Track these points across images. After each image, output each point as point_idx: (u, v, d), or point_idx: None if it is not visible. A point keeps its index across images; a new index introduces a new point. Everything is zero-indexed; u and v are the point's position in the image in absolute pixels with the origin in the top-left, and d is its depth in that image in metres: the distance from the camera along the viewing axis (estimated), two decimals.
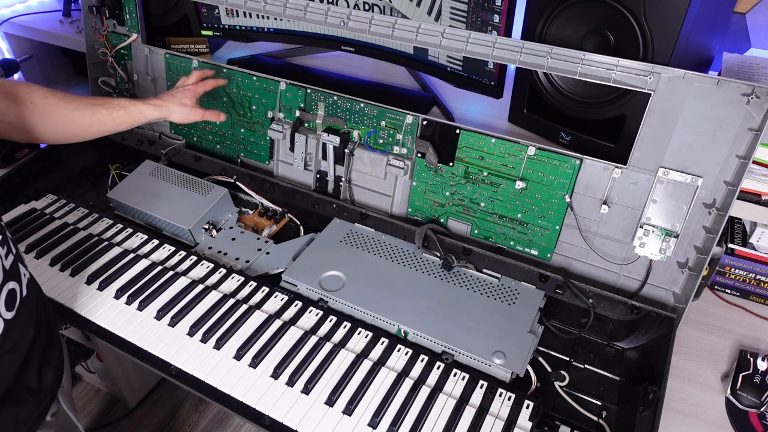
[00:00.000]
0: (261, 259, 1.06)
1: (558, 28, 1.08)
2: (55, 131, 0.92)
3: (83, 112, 0.93)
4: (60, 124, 0.92)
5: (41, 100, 0.90)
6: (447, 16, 1.16)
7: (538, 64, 0.89)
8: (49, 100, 0.91)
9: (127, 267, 1.00)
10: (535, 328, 0.91)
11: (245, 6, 1.11)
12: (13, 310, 0.71)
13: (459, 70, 1.23)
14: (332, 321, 0.92)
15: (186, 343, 0.89)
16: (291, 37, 1.42)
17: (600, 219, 0.95)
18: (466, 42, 0.93)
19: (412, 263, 1.01)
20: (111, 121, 0.96)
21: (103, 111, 0.95)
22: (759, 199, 0.95)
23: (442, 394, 0.82)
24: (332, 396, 0.81)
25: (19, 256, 0.75)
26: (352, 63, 1.56)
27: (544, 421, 0.80)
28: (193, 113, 1.05)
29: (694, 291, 0.88)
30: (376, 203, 1.14)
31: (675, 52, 0.95)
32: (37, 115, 0.90)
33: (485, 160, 1.00)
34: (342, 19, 1.03)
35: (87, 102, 0.94)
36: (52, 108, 0.91)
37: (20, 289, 0.73)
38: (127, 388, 1.69)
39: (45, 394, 0.78)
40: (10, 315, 0.71)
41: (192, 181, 1.16)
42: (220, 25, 1.45)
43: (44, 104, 0.90)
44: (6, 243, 0.71)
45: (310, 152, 1.16)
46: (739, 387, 0.87)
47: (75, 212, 1.13)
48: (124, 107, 0.97)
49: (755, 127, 0.79)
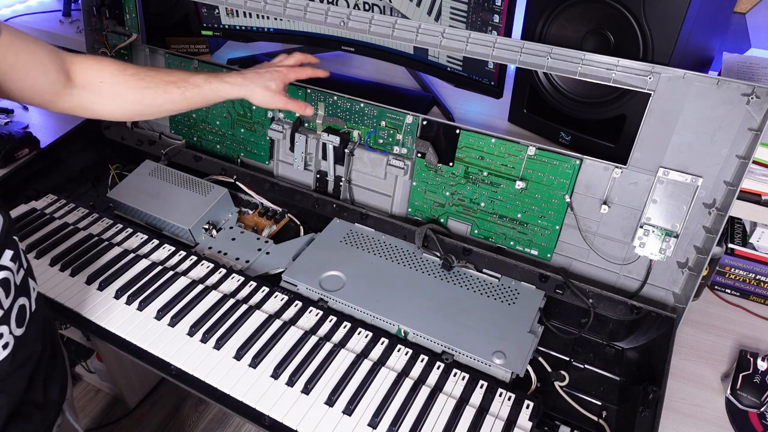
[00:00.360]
0: (261, 259, 1.06)
1: (558, 28, 1.08)
2: (123, 111, 0.89)
3: (155, 90, 0.87)
4: (129, 104, 0.88)
5: (110, 78, 0.85)
6: (447, 16, 1.16)
7: (538, 64, 0.89)
8: (118, 78, 0.86)
9: (127, 267, 1.00)
10: (535, 328, 0.91)
11: (245, 6, 1.11)
12: (23, 326, 0.70)
13: (459, 70, 1.23)
14: (332, 321, 0.92)
15: (186, 343, 0.89)
16: (291, 37, 1.42)
17: (600, 219, 0.95)
18: (466, 42, 0.93)
19: (412, 263, 1.01)
20: (184, 101, 0.90)
21: (175, 90, 0.88)
22: (759, 199, 0.95)
23: (442, 394, 0.82)
24: (332, 396, 0.81)
25: (29, 270, 0.74)
26: (352, 63, 1.56)
27: (544, 421, 0.80)
28: (276, 99, 0.94)
29: (694, 291, 0.88)
30: (376, 203, 1.14)
31: (675, 52, 0.95)
32: (106, 94, 0.86)
33: (485, 160, 1.00)
34: (342, 19, 1.03)
35: (159, 79, 0.88)
36: (122, 87, 0.86)
37: (29, 303, 0.72)
38: (127, 388, 1.69)
39: (51, 408, 0.77)
40: (21, 331, 0.69)
41: (192, 181, 1.16)
42: (220, 25, 1.45)
43: (113, 82, 0.86)
44: (18, 258, 0.69)
45: (310, 152, 1.16)
46: (739, 387, 0.87)
47: (75, 212, 1.13)
48: (199, 86, 0.89)
49: (755, 127, 0.79)
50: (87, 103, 0.85)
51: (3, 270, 0.66)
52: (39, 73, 0.78)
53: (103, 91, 0.85)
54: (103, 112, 0.88)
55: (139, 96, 0.87)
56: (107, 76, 0.85)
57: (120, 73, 0.86)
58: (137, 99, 0.87)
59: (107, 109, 0.87)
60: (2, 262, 0.66)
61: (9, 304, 0.67)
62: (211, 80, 0.90)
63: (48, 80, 0.80)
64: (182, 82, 0.89)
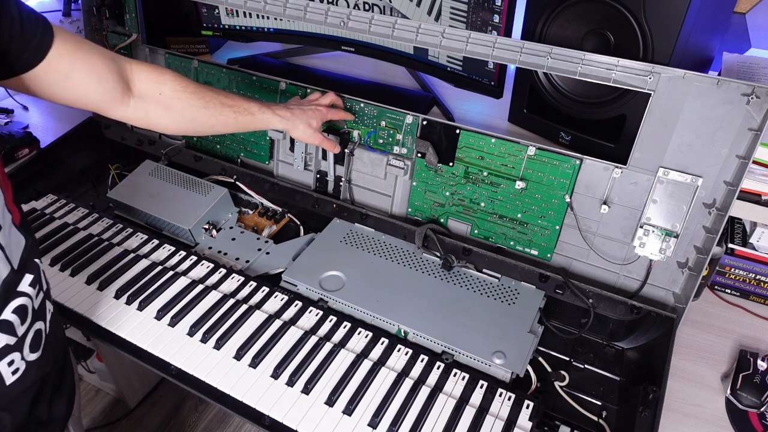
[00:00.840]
0: (261, 259, 1.06)
1: (558, 28, 1.08)
2: (177, 126, 0.90)
3: (211, 111, 0.90)
4: (184, 121, 0.89)
5: (170, 92, 0.86)
6: (447, 16, 1.16)
7: (538, 64, 0.89)
8: (178, 94, 0.87)
9: (127, 267, 1.00)
10: (535, 328, 0.91)
11: (245, 6, 1.11)
12: (38, 350, 0.68)
13: (459, 70, 1.23)
14: (332, 321, 0.92)
15: (186, 343, 0.89)
16: (291, 37, 1.42)
17: (600, 219, 0.95)
18: (466, 42, 0.93)
19: (412, 263, 1.01)
20: (235, 124, 0.93)
21: (230, 114, 0.91)
22: (759, 199, 0.95)
23: (442, 394, 0.82)
24: (332, 396, 0.81)
25: (48, 292, 0.72)
26: (352, 63, 1.56)
27: (544, 421, 0.80)
28: (315, 136, 1.01)
29: (694, 291, 0.88)
30: (376, 203, 1.14)
31: (675, 52, 0.95)
32: (163, 108, 0.87)
33: (485, 160, 1.00)
34: (342, 19, 1.03)
35: (218, 101, 0.90)
36: (180, 103, 0.87)
37: (45, 327, 0.70)
38: (127, 388, 1.69)
39: (55, 426, 0.76)
40: (35, 356, 0.68)
41: (192, 181, 1.16)
42: (220, 25, 1.45)
43: (173, 97, 0.87)
44: (38, 282, 0.68)
45: (310, 152, 1.16)
46: (739, 387, 0.87)
47: (75, 212, 1.13)
48: (252, 114, 0.93)
49: (755, 127, 0.79)
50: (142, 114, 0.86)
51: (21, 297, 0.64)
52: (94, 82, 0.78)
53: (160, 104, 0.86)
54: (158, 125, 0.89)
55: (195, 114, 0.89)
56: (168, 90, 0.86)
57: (181, 90, 0.87)
58: (193, 117, 0.89)
59: (162, 122, 0.88)
60: (21, 288, 0.65)
61: (24, 330, 0.65)
62: (264, 110, 0.95)
63: (104, 89, 0.79)
64: (239, 107, 0.92)
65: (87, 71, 0.76)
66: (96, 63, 0.77)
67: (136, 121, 0.87)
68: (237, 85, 1.20)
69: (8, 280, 0.62)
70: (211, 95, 0.90)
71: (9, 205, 0.65)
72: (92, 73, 0.77)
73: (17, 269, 0.64)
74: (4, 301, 0.62)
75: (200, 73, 1.24)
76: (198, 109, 0.89)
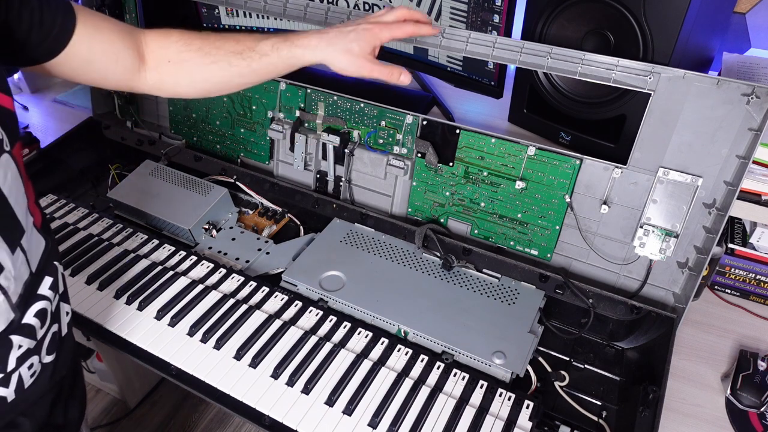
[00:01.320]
0: (261, 259, 1.06)
1: (558, 28, 1.08)
2: (195, 89, 0.83)
3: (221, 65, 0.79)
4: (199, 83, 0.81)
5: (176, 56, 0.79)
6: (447, 16, 1.16)
7: (538, 64, 0.89)
8: (184, 56, 0.79)
9: (127, 267, 1.00)
10: (535, 328, 0.91)
11: (245, 6, 1.11)
12: (54, 353, 0.68)
13: (459, 70, 1.23)
14: (332, 321, 0.92)
15: (186, 343, 0.89)
16: None
17: (600, 219, 0.95)
18: (466, 42, 0.93)
19: (412, 263, 1.01)
20: (252, 73, 0.80)
21: (241, 62, 0.78)
22: (759, 199, 0.95)
23: (442, 394, 0.82)
24: (332, 396, 0.81)
25: (64, 294, 0.71)
26: None
27: (544, 421, 0.80)
28: (360, 65, 0.78)
29: (694, 291, 0.88)
30: (376, 203, 1.14)
31: (675, 52, 0.95)
32: (175, 74, 0.81)
33: (485, 160, 1.00)
34: (342, 19, 1.03)
35: (225, 50, 0.78)
36: (189, 65, 0.79)
37: (60, 328, 0.69)
38: (127, 388, 1.69)
39: (70, 429, 0.76)
40: (50, 358, 0.67)
41: (192, 181, 1.16)
42: (220, 25, 1.45)
43: (180, 60, 0.79)
44: (56, 286, 0.67)
45: (310, 152, 1.16)
46: (739, 387, 0.87)
47: (75, 212, 1.13)
48: (266, 54, 0.77)
49: (755, 127, 0.79)
50: (158, 83, 0.81)
51: (42, 300, 0.64)
52: (112, 62, 0.75)
53: (171, 71, 0.80)
54: (177, 91, 0.83)
55: (207, 73, 0.80)
56: (174, 54, 0.79)
57: (186, 50, 0.79)
58: (206, 76, 0.80)
59: (179, 89, 0.82)
60: (41, 291, 0.64)
61: (43, 333, 0.65)
62: (280, 46, 0.77)
63: (122, 67, 0.77)
64: (248, 51, 0.78)
65: (105, 52, 0.74)
66: (114, 41, 0.75)
67: (157, 91, 0.82)
68: None
69: (28, 282, 0.62)
70: (219, 45, 0.79)
71: (31, 207, 0.64)
72: (110, 53, 0.75)
73: (35, 272, 0.63)
74: (25, 304, 0.62)
75: None
76: (207, 66, 0.79)
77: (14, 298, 0.59)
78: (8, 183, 0.57)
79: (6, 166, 0.57)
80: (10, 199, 0.58)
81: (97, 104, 1.34)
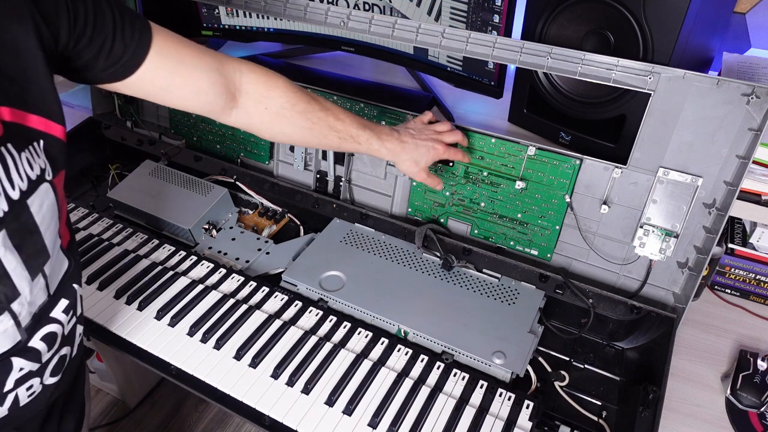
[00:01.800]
0: (261, 259, 1.06)
1: (558, 28, 1.08)
2: (273, 135, 0.86)
3: (315, 134, 0.84)
4: (284, 135, 0.85)
5: (276, 109, 0.81)
6: (447, 16, 1.16)
7: (538, 64, 0.89)
8: (285, 113, 0.81)
9: (127, 267, 1.00)
10: (535, 328, 0.91)
11: (245, 6, 1.11)
12: (59, 374, 0.66)
13: (459, 70, 1.23)
14: (332, 321, 0.92)
15: (186, 343, 0.89)
16: (291, 37, 1.42)
17: (600, 219, 0.95)
18: (466, 42, 0.93)
19: (412, 263, 1.01)
20: (338, 148, 0.89)
21: (335, 140, 0.86)
22: (759, 199, 0.95)
23: (442, 394, 0.82)
24: (332, 396, 0.81)
25: (81, 317, 0.69)
26: (352, 63, 1.56)
27: (544, 421, 0.80)
28: (418, 174, 0.92)
29: (694, 291, 0.88)
30: (376, 203, 1.14)
31: (675, 52, 0.95)
32: (267, 122, 0.82)
33: (485, 160, 1.00)
34: (342, 20, 1.03)
35: (324, 124, 0.84)
36: (284, 120, 0.82)
37: (71, 351, 0.68)
38: (127, 388, 1.69)
39: None
40: (54, 380, 0.66)
41: (192, 181, 1.16)
42: (220, 25, 1.45)
43: (278, 114, 0.81)
44: (73, 307, 0.65)
45: (310, 152, 1.16)
46: (739, 387, 0.87)
47: (75, 212, 1.13)
48: (359, 143, 0.87)
49: (755, 127, 0.79)
50: (244, 122, 0.82)
51: (53, 323, 0.62)
52: (193, 95, 0.74)
53: (264, 119, 0.82)
54: (259, 131, 0.85)
55: (298, 133, 0.84)
56: (275, 107, 0.81)
57: (290, 108, 0.81)
58: (294, 136, 0.85)
59: (262, 131, 0.84)
60: (54, 314, 0.62)
61: (48, 357, 0.63)
62: (372, 141, 0.87)
63: (204, 101, 0.76)
64: (345, 133, 0.85)
65: (187, 85, 0.72)
66: (197, 78, 0.73)
67: (237, 125, 0.83)
68: None
69: (43, 305, 0.60)
70: (320, 116, 0.83)
71: (62, 229, 0.62)
72: (192, 87, 0.73)
73: (53, 294, 0.61)
74: (34, 327, 0.60)
75: None
76: (302, 129, 0.83)
77: (24, 323, 0.58)
78: (43, 212, 0.56)
79: (44, 195, 0.56)
80: (41, 227, 0.57)
81: (97, 104, 1.34)
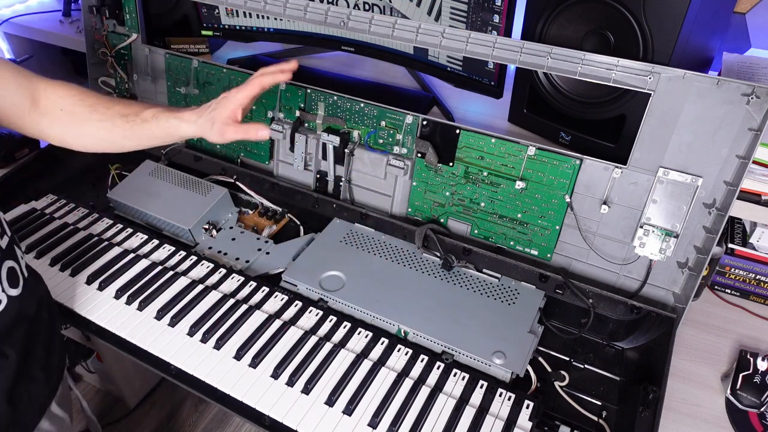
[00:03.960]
0: (261, 259, 1.06)
1: (558, 28, 1.08)
2: (80, 142, 0.87)
3: (106, 124, 0.85)
4: (86, 137, 0.86)
5: (69, 108, 0.84)
6: (447, 16, 1.16)
7: (538, 64, 0.89)
8: (76, 108, 0.84)
9: (127, 267, 1.00)
10: (535, 328, 0.91)
11: (245, 6, 1.11)
12: (18, 287, 0.73)
13: (459, 70, 1.23)
14: (332, 321, 0.92)
15: (186, 343, 0.89)
16: (291, 37, 1.42)
17: (600, 219, 0.95)
18: (466, 42, 0.93)
19: (412, 263, 1.01)
20: (133, 136, 0.85)
21: (124, 124, 0.84)
22: (759, 199, 0.95)
23: (442, 394, 0.82)
24: (332, 396, 0.81)
25: (14, 239, 0.76)
26: (352, 63, 1.56)
27: (544, 421, 0.80)
28: (223, 131, 0.83)
29: (694, 291, 0.88)
30: (376, 203, 1.14)
31: (675, 52, 0.95)
32: (64, 124, 0.85)
33: (485, 160, 1.00)
34: (342, 19, 1.03)
35: (114, 112, 0.85)
36: (79, 118, 0.84)
37: (20, 269, 0.75)
38: (127, 388, 1.69)
39: (53, 371, 0.81)
40: (15, 292, 0.72)
41: (192, 181, 1.16)
42: (220, 25, 1.45)
43: (72, 112, 0.84)
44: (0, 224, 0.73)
45: (310, 152, 1.16)
46: (739, 387, 0.87)
47: (75, 212, 1.13)
48: (146, 120, 0.84)
49: (755, 127, 0.79)
50: (47, 128, 0.86)
51: None
52: None
53: (62, 120, 0.85)
54: (64, 140, 0.87)
55: (93, 129, 0.85)
56: (68, 105, 0.84)
57: (80, 104, 0.85)
58: (92, 132, 0.86)
59: (67, 138, 0.87)
60: None
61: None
62: (159, 115, 0.84)
63: (9, 104, 0.81)
64: (133, 116, 0.85)
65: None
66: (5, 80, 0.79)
67: (45, 137, 0.87)
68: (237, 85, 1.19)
69: None
70: (109, 106, 0.85)
71: None
72: None
73: None
74: None
75: (200, 73, 1.24)
76: (95, 123, 0.84)
77: None
78: None
79: None
80: None
81: None
